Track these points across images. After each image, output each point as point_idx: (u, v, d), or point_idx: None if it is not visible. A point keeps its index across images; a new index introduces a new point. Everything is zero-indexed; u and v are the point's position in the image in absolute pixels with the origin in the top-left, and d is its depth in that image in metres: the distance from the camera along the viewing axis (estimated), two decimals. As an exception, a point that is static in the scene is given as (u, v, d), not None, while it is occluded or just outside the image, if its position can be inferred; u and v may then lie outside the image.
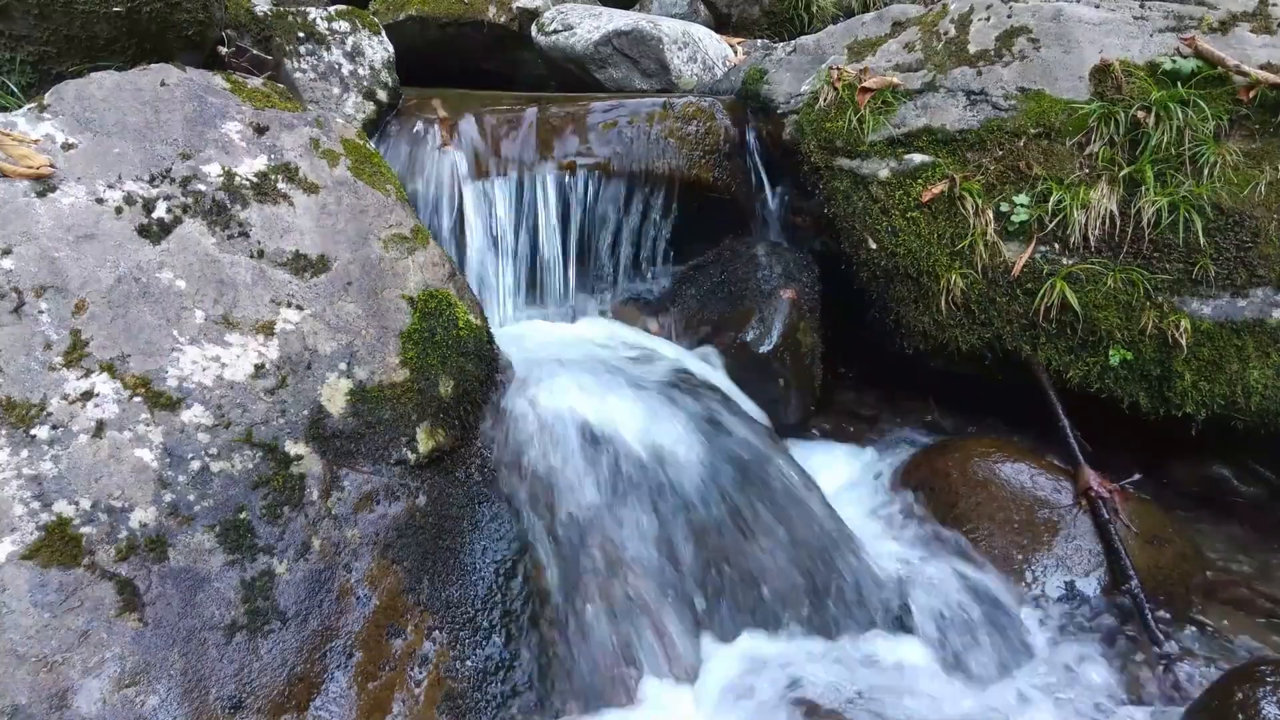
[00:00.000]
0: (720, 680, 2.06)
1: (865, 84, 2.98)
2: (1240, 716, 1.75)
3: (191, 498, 1.71)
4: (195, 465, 1.74)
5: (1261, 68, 2.55)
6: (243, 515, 1.74)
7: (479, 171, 2.96)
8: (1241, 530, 2.62)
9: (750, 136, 3.32)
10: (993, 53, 2.90)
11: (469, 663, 1.87)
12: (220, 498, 1.74)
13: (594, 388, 2.35)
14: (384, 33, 3.13)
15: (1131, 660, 2.16)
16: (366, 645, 1.78)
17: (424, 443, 1.98)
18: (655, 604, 2.09)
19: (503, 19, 4.34)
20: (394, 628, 1.82)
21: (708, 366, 2.88)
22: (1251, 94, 2.54)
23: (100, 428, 1.70)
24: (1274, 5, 2.69)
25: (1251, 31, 2.66)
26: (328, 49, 2.93)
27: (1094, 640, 2.21)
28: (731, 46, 4.18)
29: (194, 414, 1.77)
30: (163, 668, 1.59)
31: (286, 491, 1.79)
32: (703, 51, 3.97)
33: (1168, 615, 2.28)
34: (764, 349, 2.93)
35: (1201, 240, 2.48)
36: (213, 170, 2.06)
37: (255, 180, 2.09)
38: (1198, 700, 1.94)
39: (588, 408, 2.29)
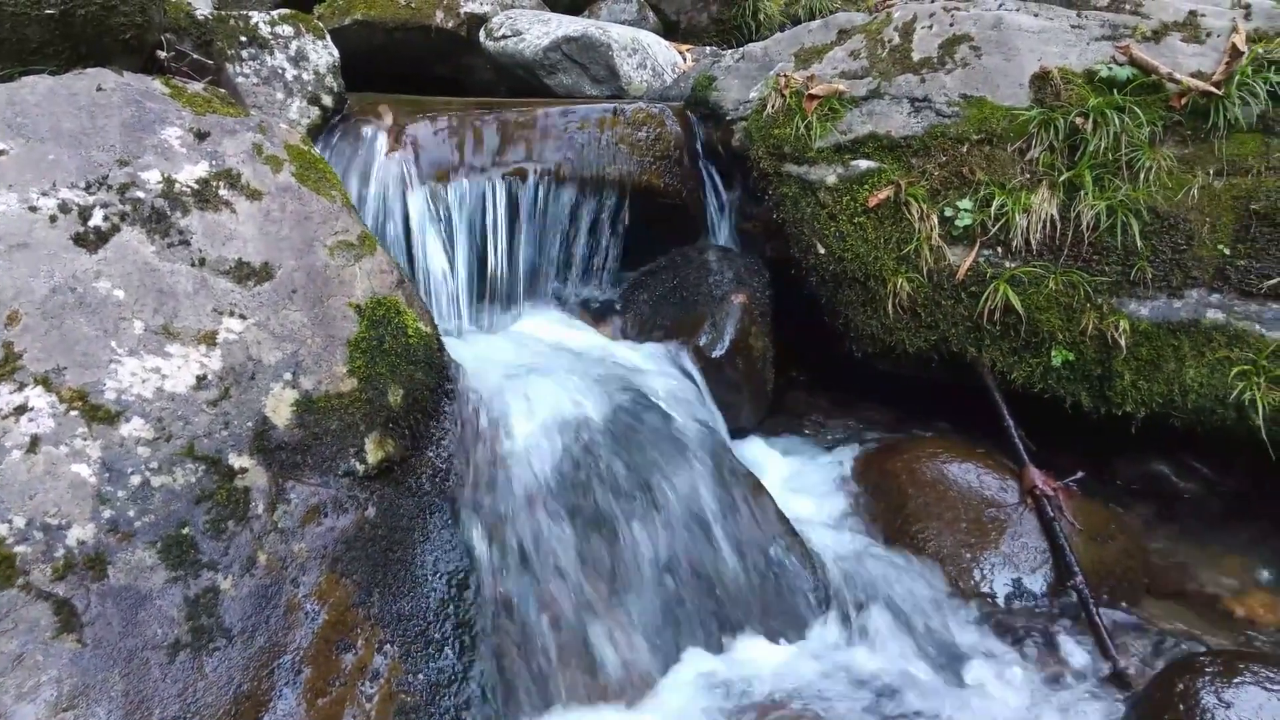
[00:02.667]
0: (678, 687, 2.06)
1: (812, 91, 3.02)
2: (1182, 706, 1.80)
3: (132, 513, 1.67)
4: (135, 480, 1.69)
5: (1192, 76, 2.62)
6: (185, 531, 1.70)
7: (427, 177, 2.93)
8: (1181, 525, 2.70)
9: (700, 143, 3.34)
10: (936, 60, 2.95)
11: (421, 676, 1.85)
12: (162, 513, 1.69)
13: (546, 393, 2.34)
14: (329, 37, 3.09)
15: (1078, 654, 2.21)
16: (316, 661, 1.74)
17: (373, 453, 1.95)
18: (610, 612, 2.08)
19: (450, 24, 4.31)
20: (344, 642, 1.79)
21: (661, 371, 2.88)
22: (1183, 101, 2.61)
23: (35, 443, 1.65)
24: (1203, 16, 2.77)
25: (1183, 41, 2.74)
26: (271, 53, 2.88)
27: (1041, 636, 2.26)
28: (680, 53, 4.21)
29: (134, 427, 1.73)
30: (103, 690, 1.54)
31: (231, 505, 1.75)
32: (652, 58, 3.98)
33: (1112, 610, 2.33)
34: (716, 354, 2.94)
35: (1139, 243, 2.54)
36: (152, 177, 2.01)
37: (196, 187, 2.04)
38: (1142, 691, 1.99)
39: (540, 414, 2.27)
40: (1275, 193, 2.46)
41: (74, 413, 1.70)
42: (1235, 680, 1.80)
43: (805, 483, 2.80)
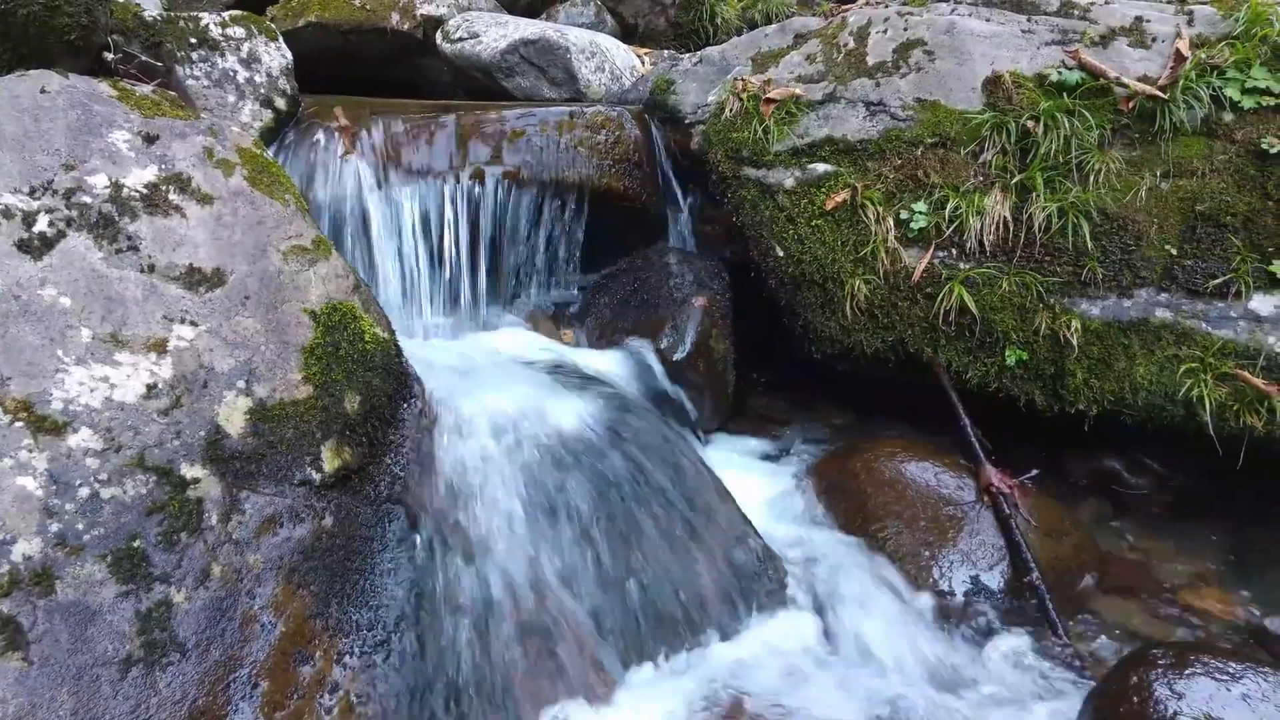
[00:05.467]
0: (642, 688, 2.06)
1: (769, 95, 3.03)
2: (1136, 698, 1.83)
3: (80, 526, 1.62)
4: (84, 492, 1.65)
5: (1139, 80, 2.68)
6: (136, 543, 1.66)
7: (384, 181, 2.90)
8: (1133, 520, 2.75)
9: (659, 146, 3.34)
10: (890, 64, 2.98)
11: (381, 688, 1.82)
12: (112, 525, 1.65)
13: (507, 400, 2.33)
14: (282, 39, 3.04)
15: (1034, 649, 2.24)
16: (273, 674, 1.71)
17: (330, 461, 1.92)
18: (574, 620, 2.07)
19: (406, 26, 4.27)
20: (302, 654, 1.76)
21: (621, 375, 2.88)
22: (1131, 104, 2.67)
23: (-23, 456, 1.60)
24: (1149, 21, 2.83)
25: (1129, 46, 2.80)
26: (222, 55, 2.84)
27: (998, 631, 2.28)
28: (639, 57, 4.21)
29: (82, 438, 1.68)
30: (51, 709, 1.50)
31: (183, 517, 1.72)
32: (610, 61, 3.98)
33: (1068, 605, 2.37)
34: (677, 357, 2.95)
35: (1089, 244, 2.59)
36: (99, 181, 1.96)
37: (145, 191, 2.00)
38: (1097, 685, 2.03)
39: (500, 420, 2.26)
40: (1219, 194, 2.52)
41: (19, 424, 1.65)
42: (1186, 672, 1.84)
43: (767, 483, 2.81)
